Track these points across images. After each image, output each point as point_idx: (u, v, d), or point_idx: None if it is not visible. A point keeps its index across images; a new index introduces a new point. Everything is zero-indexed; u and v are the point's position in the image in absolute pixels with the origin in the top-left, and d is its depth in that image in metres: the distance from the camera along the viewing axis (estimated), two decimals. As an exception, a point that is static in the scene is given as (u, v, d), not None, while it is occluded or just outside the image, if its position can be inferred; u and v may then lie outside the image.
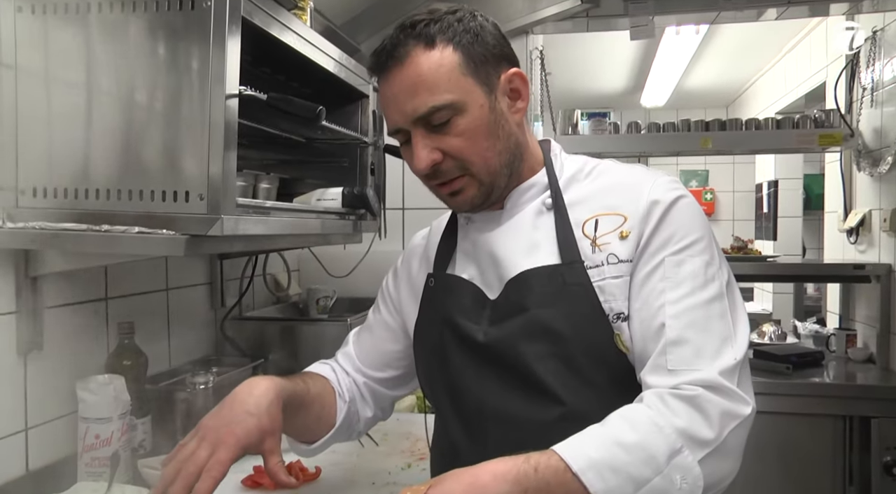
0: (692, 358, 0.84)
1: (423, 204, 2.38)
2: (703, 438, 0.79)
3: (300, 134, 1.62)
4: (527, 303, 0.93)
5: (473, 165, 0.94)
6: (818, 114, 2.77)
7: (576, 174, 1.01)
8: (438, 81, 0.90)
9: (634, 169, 1.02)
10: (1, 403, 1.19)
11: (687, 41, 3.75)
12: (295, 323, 1.93)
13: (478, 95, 0.92)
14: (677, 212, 0.92)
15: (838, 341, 2.78)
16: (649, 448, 0.77)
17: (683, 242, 0.90)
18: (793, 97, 3.96)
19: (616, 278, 0.91)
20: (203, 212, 1.05)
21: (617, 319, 0.91)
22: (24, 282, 1.21)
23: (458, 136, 0.92)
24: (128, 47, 1.10)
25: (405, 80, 0.91)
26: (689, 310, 0.86)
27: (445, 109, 0.90)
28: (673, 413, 0.79)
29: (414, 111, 0.91)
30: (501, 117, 0.95)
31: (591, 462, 0.75)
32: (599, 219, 0.95)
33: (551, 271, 0.93)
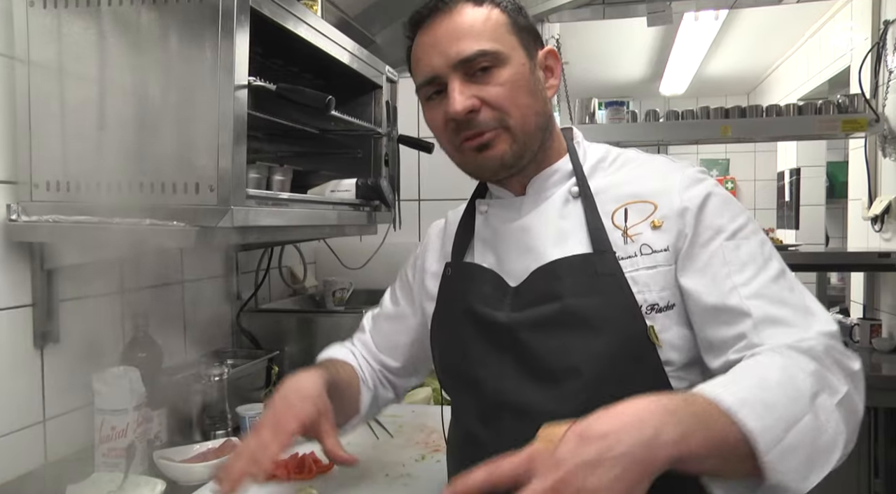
0: (786, 331, 0.81)
1: (438, 195, 2.37)
2: (835, 386, 0.74)
3: (313, 125, 1.62)
4: (559, 292, 0.91)
5: (511, 117, 0.91)
6: (841, 100, 2.71)
7: (599, 162, 1.00)
8: (485, 31, 0.90)
9: (658, 159, 1.00)
10: (19, 395, 1.21)
11: (706, 27, 3.68)
12: (311, 315, 1.93)
13: (520, 54, 0.92)
14: (718, 199, 0.90)
15: (862, 331, 2.72)
16: (794, 388, 0.71)
17: (734, 225, 0.88)
18: (816, 82, 3.88)
19: (650, 269, 0.89)
20: (213, 204, 1.04)
21: (651, 311, 0.89)
22: (39, 275, 1.22)
23: (500, 86, 0.90)
24: (138, 39, 1.10)
25: (451, 25, 0.91)
26: (764, 288, 0.84)
27: (490, 56, 0.90)
28: (799, 360, 0.75)
29: (458, 54, 0.89)
30: (539, 85, 0.95)
31: (744, 399, 0.67)
32: (629, 208, 0.93)
33: (582, 260, 0.91)
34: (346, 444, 1.46)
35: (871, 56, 2.87)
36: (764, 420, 0.66)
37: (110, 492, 1.15)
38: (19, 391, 1.21)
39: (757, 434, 0.65)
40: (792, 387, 0.71)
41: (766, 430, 0.66)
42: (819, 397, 0.72)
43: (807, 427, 0.69)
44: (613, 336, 0.89)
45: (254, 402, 1.60)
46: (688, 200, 0.90)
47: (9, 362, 1.18)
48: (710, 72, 4.80)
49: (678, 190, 0.91)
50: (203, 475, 1.27)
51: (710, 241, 0.88)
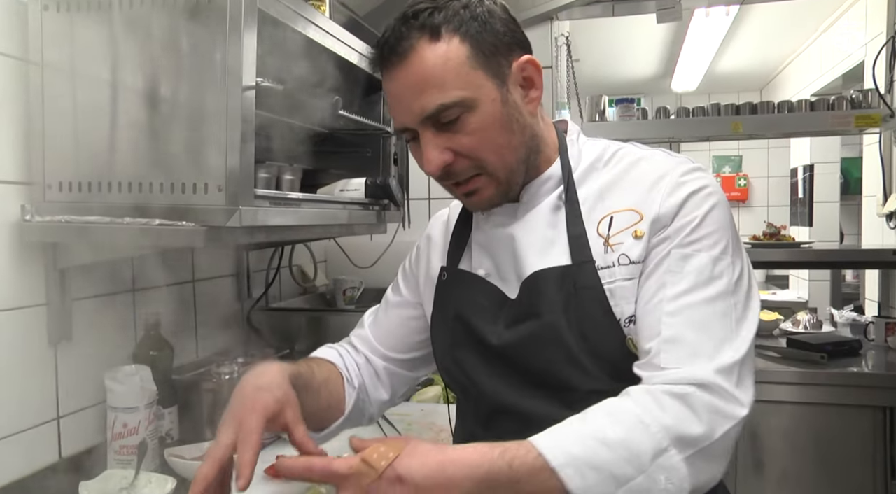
0: (687, 356, 0.79)
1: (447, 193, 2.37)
2: (692, 436, 0.74)
3: (322, 124, 1.63)
4: (539, 308, 0.90)
5: (489, 164, 0.88)
6: (855, 95, 2.68)
7: (594, 162, 0.96)
8: (446, 77, 0.84)
9: (657, 156, 0.94)
10: (34, 392, 1.22)
11: (717, 23, 3.66)
12: (321, 314, 1.94)
13: (489, 89, 0.86)
14: (694, 203, 0.87)
15: (877, 329, 2.69)
16: (633, 446, 0.73)
17: (694, 235, 0.85)
18: (829, 78, 3.84)
19: (627, 280, 0.87)
20: (222, 204, 1.05)
21: (629, 323, 0.87)
22: (52, 275, 1.24)
23: (470, 134, 0.86)
24: (148, 42, 1.11)
25: (410, 77, 0.85)
26: (689, 308, 0.82)
27: (455, 107, 0.84)
28: (661, 410, 0.75)
29: (422, 110, 0.85)
30: (515, 110, 0.89)
31: (571, 457, 0.71)
32: (615, 216, 0.90)
33: (562, 272, 0.89)
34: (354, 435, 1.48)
35: (885, 50, 2.84)
36: (587, 480, 0.70)
37: (122, 489, 1.16)
38: (34, 388, 1.23)
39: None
40: (630, 447, 0.73)
41: (587, 490, 0.70)
42: (664, 455, 0.73)
43: (640, 486, 0.72)
44: (592, 350, 0.87)
45: (265, 400, 1.61)
46: (665, 206, 0.87)
47: (23, 360, 1.20)
48: (721, 68, 4.77)
49: (662, 196, 0.88)
50: (214, 472, 1.29)
51: (665, 244, 0.86)
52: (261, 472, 1.30)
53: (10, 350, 1.18)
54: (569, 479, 0.70)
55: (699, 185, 0.88)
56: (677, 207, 0.87)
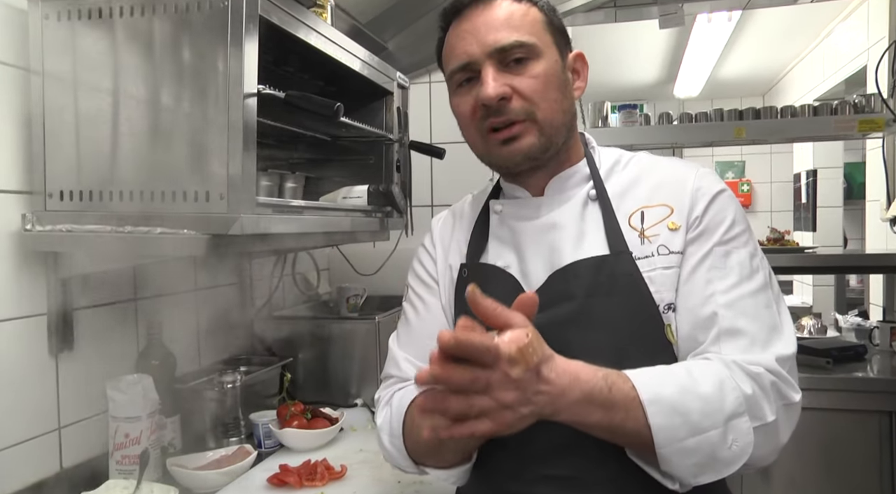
0: (747, 345, 0.87)
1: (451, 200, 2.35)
2: (763, 412, 0.83)
3: (324, 132, 1.62)
4: (577, 292, 0.92)
5: (541, 111, 0.94)
6: (858, 100, 2.67)
7: (613, 166, 1.03)
8: (523, 24, 0.94)
9: (671, 161, 1.02)
10: (35, 403, 1.22)
11: (719, 28, 3.66)
12: (324, 322, 1.93)
13: (554, 52, 0.96)
14: (722, 203, 0.95)
15: (882, 334, 2.68)
16: (716, 403, 0.80)
17: (731, 233, 0.93)
18: (832, 83, 3.83)
19: (667, 269, 0.92)
20: (223, 212, 1.05)
21: (668, 310, 0.92)
22: (53, 284, 1.23)
23: (533, 78, 0.93)
24: (149, 50, 1.11)
25: (490, 15, 0.94)
26: (739, 300, 0.89)
27: (526, 47, 0.92)
28: (741, 380, 0.83)
29: (495, 42, 0.92)
30: (569, 83, 0.99)
31: (660, 397, 0.79)
32: (646, 211, 0.96)
33: (600, 262, 0.93)
34: (359, 450, 1.47)
35: (888, 55, 2.83)
36: (667, 420, 0.79)
37: (124, 499, 1.15)
38: (35, 399, 1.22)
39: (655, 430, 0.79)
40: (715, 403, 0.81)
41: (665, 429, 0.79)
42: (738, 418, 0.81)
43: (710, 440, 0.80)
44: (631, 335, 0.91)
45: (267, 409, 1.60)
46: (696, 196, 0.95)
47: (24, 370, 1.19)
48: (724, 74, 4.76)
49: (690, 188, 0.95)
50: (216, 482, 1.28)
51: (704, 241, 0.93)
52: (263, 481, 1.29)
53: (11, 360, 1.17)
54: (652, 415, 0.79)
55: (722, 187, 0.97)
56: (706, 205, 0.94)
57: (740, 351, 0.86)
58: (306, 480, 1.25)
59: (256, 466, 1.38)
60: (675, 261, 0.93)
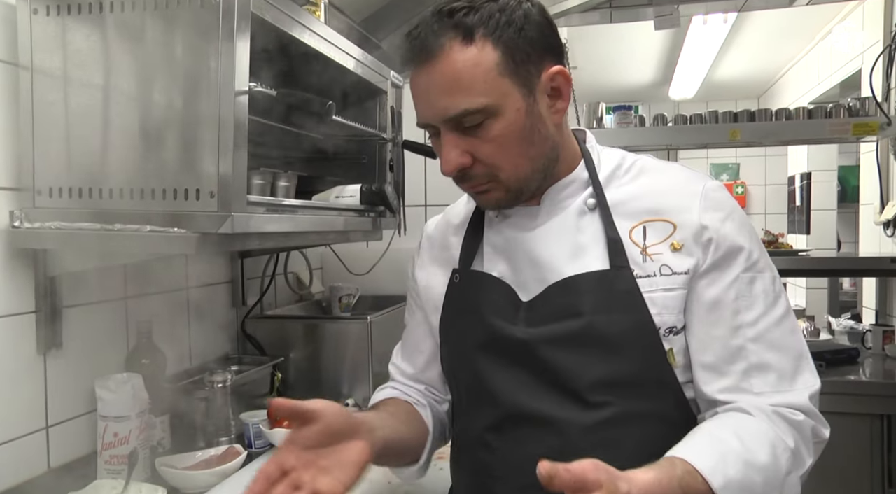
0: (776, 381, 0.86)
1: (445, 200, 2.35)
2: (804, 461, 0.84)
3: (317, 130, 1.61)
4: (580, 309, 0.89)
5: (503, 172, 0.88)
6: (852, 103, 2.68)
7: (615, 170, 0.96)
8: (474, 82, 0.83)
9: (675, 169, 0.97)
10: (22, 401, 1.20)
11: (715, 30, 3.67)
12: (316, 322, 1.92)
13: (515, 98, 0.85)
14: (738, 223, 0.90)
15: (875, 337, 2.69)
16: (774, 470, 0.79)
17: (752, 258, 0.89)
18: (827, 86, 3.85)
19: (669, 291, 0.88)
20: (213, 210, 1.04)
21: (669, 333, 0.88)
22: (42, 282, 1.22)
23: (490, 142, 0.86)
24: (139, 46, 1.10)
25: (437, 76, 0.84)
26: (767, 331, 0.87)
27: (478, 113, 0.84)
28: (784, 433, 0.83)
29: (445, 111, 0.85)
30: (539, 120, 0.88)
31: (729, 481, 0.75)
32: (648, 226, 0.91)
33: (600, 277, 0.89)
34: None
35: (882, 59, 2.84)
36: None
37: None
38: (22, 397, 1.20)
39: None
40: (773, 470, 0.79)
41: None
42: (791, 474, 0.82)
43: None
44: (634, 355, 0.88)
45: (258, 409, 1.59)
46: (708, 222, 0.89)
47: (12, 368, 1.18)
48: (719, 76, 4.78)
49: (698, 210, 0.89)
50: (205, 482, 1.27)
51: (727, 268, 0.88)
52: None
53: (-1, 358, 1.16)
54: None
55: (733, 205, 0.92)
56: (720, 227, 0.89)
57: (770, 387, 0.85)
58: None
59: (246, 466, 1.37)
60: (680, 283, 0.88)
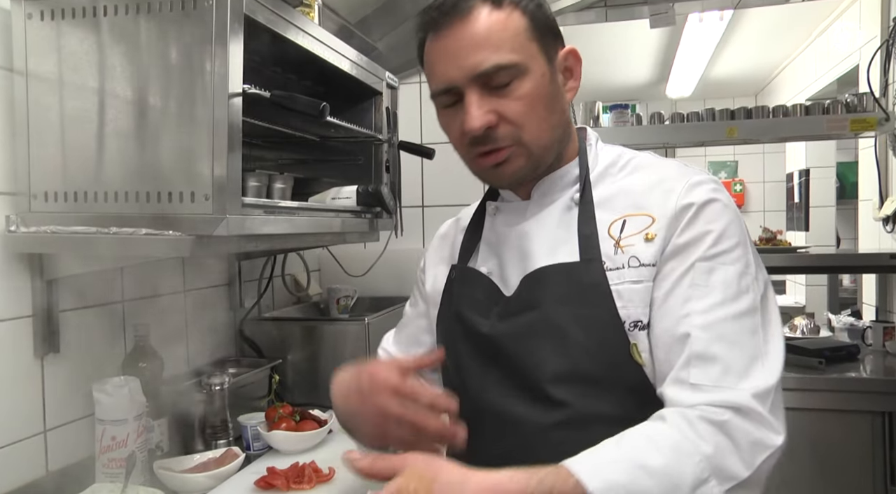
0: (719, 375, 0.76)
1: (442, 201, 2.36)
2: (732, 470, 0.72)
3: (313, 132, 1.61)
4: (539, 300, 0.87)
5: (528, 133, 0.87)
6: (850, 99, 2.68)
7: (609, 167, 0.95)
8: (505, 40, 0.84)
9: (670, 165, 0.93)
10: (20, 406, 1.21)
11: (711, 28, 3.66)
12: (314, 323, 1.92)
13: (541, 63, 0.87)
14: (710, 214, 0.84)
15: (875, 334, 2.68)
16: (674, 476, 0.70)
17: (717, 247, 0.83)
18: (824, 82, 3.84)
19: (636, 283, 0.84)
20: (208, 213, 1.04)
21: (634, 328, 0.83)
22: (39, 286, 1.22)
23: (519, 100, 0.85)
24: (133, 50, 1.10)
25: (468, 34, 0.84)
26: (718, 323, 0.79)
27: (509, 69, 0.84)
28: (700, 438, 0.72)
29: (476, 66, 0.84)
30: (558, 92, 0.90)
31: (610, 484, 0.68)
32: (627, 219, 0.88)
33: (568, 269, 0.87)
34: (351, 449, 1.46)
35: (880, 54, 2.84)
36: None
37: (110, 503, 1.14)
38: (20, 401, 1.21)
39: None
40: (672, 476, 0.69)
41: None
42: (703, 486, 0.70)
43: None
44: (591, 349, 0.84)
45: (255, 411, 1.59)
46: (682, 207, 0.85)
47: (9, 373, 1.18)
48: (716, 73, 4.77)
49: (675, 197, 0.86)
50: (203, 485, 1.27)
51: (686, 255, 0.83)
52: (251, 483, 1.28)
53: (-4, 362, 1.16)
54: None
55: (714, 197, 0.86)
56: (693, 215, 0.84)
57: (710, 381, 0.76)
58: (294, 483, 1.24)
59: (244, 469, 1.37)
60: (646, 275, 0.84)
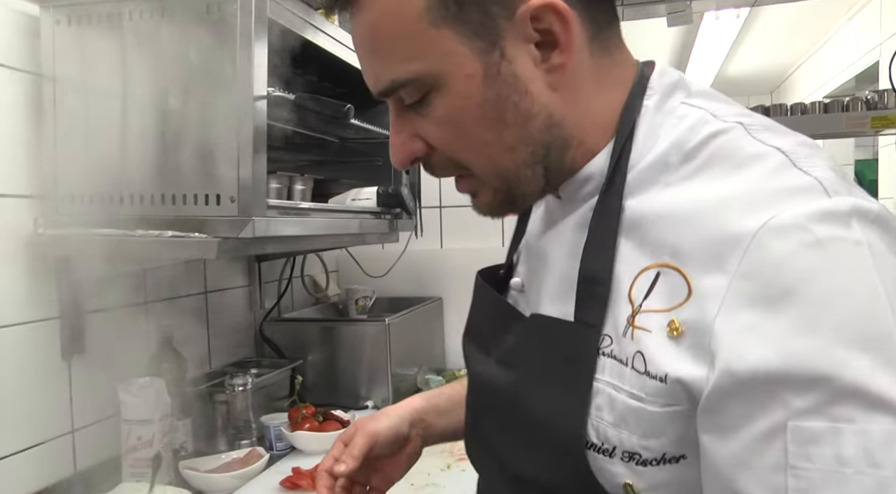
0: None
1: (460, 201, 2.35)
2: None
3: (332, 134, 1.62)
4: (518, 365, 0.61)
5: (471, 164, 0.58)
6: (870, 96, 2.65)
7: (667, 153, 0.54)
8: (397, 40, 0.55)
9: (767, 169, 0.49)
10: (48, 406, 1.22)
11: (728, 25, 3.64)
12: (333, 324, 1.93)
13: (462, 58, 0.54)
14: (815, 301, 0.43)
15: None
16: None
17: (829, 387, 0.41)
18: (842, 79, 3.81)
19: (633, 398, 0.51)
20: (234, 215, 1.05)
21: (630, 459, 0.51)
22: (65, 288, 1.24)
23: (438, 124, 0.57)
24: (159, 53, 1.11)
25: (359, 33, 0.58)
26: None
27: (410, 85, 0.56)
28: None
29: (373, 85, 0.59)
30: (511, 87, 0.55)
31: None
32: (662, 273, 0.51)
33: (554, 328, 0.58)
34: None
35: (899, 51, 2.80)
36: None
37: (137, 502, 1.16)
38: (48, 402, 1.22)
39: None
40: None
41: None
42: None
43: None
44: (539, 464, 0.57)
45: (278, 412, 1.60)
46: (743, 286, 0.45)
47: (37, 374, 1.20)
48: (732, 71, 4.74)
49: (734, 252, 0.46)
50: (229, 485, 1.28)
51: (767, 400, 0.43)
52: (276, 484, 1.29)
53: (24, 364, 1.17)
54: None
55: (834, 257, 0.44)
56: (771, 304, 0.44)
57: None
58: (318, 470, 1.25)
59: (268, 469, 1.38)
60: (649, 392, 0.49)
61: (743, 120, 0.54)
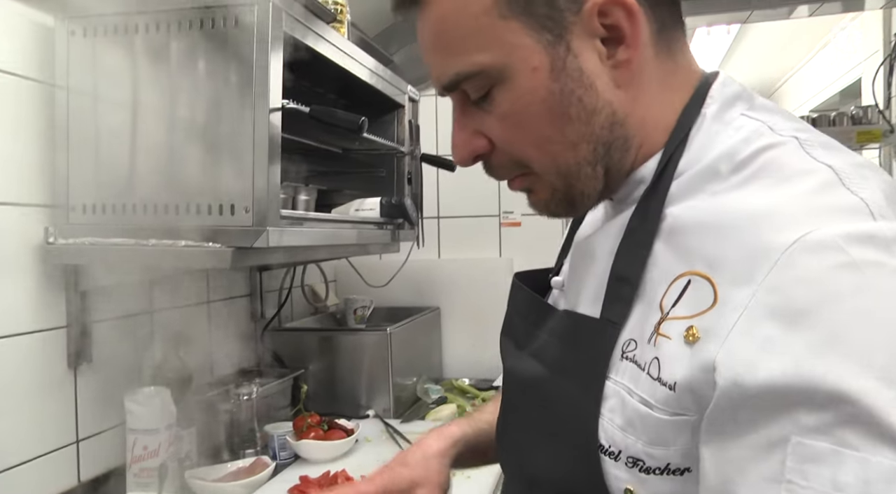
0: None
1: (458, 212, 2.38)
2: None
3: (339, 145, 1.64)
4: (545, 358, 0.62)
5: (533, 162, 0.58)
6: (855, 111, 2.72)
7: (718, 162, 0.54)
8: (464, 33, 0.56)
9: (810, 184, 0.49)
10: (53, 415, 1.22)
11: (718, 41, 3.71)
12: (333, 334, 1.94)
13: (528, 50, 0.54)
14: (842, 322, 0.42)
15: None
16: None
17: (843, 410, 0.40)
18: (827, 94, 3.89)
19: (643, 404, 0.51)
20: (249, 225, 1.06)
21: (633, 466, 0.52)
22: (73, 297, 1.24)
23: (502, 119, 0.57)
24: (174, 65, 1.12)
25: (425, 29, 0.59)
26: None
27: (476, 78, 0.56)
28: None
29: (438, 80, 0.59)
30: (577, 82, 0.55)
31: None
32: (693, 281, 0.50)
33: (577, 323, 0.59)
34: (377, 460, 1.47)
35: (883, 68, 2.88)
36: None
37: (145, 512, 1.16)
38: (53, 412, 1.22)
39: None
40: None
41: None
42: None
43: None
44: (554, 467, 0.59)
45: (278, 421, 1.61)
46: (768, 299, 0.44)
47: (43, 383, 1.20)
48: (720, 85, 4.83)
49: (764, 271, 0.45)
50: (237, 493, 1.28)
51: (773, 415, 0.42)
52: (283, 492, 1.30)
53: (31, 373, 1.17)
54: None
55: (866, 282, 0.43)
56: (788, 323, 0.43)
57: None
58: (328, 491, 1.26)
59: (274, 478, 1.38)
60: (659, 398, 0.49)
61: (800, 135, 0.54)
